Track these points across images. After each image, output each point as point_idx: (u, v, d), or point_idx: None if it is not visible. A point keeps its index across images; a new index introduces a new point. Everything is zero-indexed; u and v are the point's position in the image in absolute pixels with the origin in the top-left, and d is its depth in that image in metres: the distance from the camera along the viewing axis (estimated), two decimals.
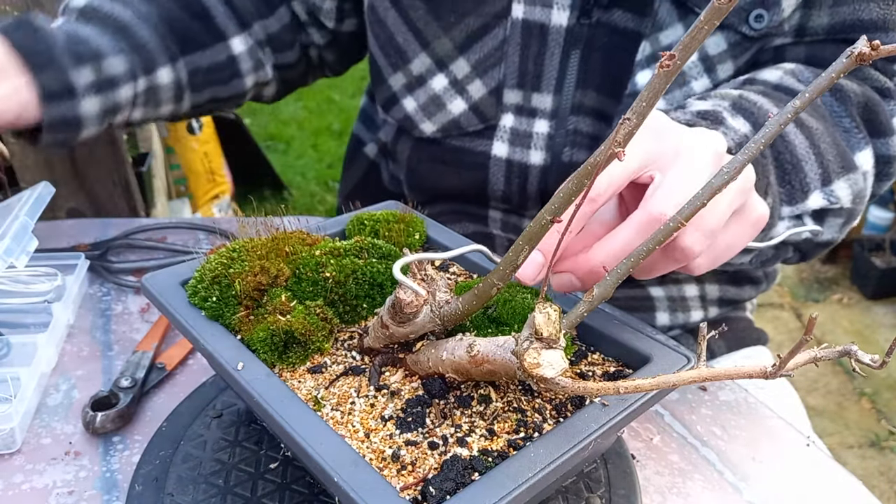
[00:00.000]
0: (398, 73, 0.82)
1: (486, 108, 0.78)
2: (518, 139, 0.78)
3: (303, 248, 0.55)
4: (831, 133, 0.66)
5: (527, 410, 0.44)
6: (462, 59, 0.77)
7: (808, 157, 0.64)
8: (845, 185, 0.66)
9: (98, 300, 0.75)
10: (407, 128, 0.84)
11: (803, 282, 2.77)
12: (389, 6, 0.79)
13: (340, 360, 0.49)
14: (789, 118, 0.33)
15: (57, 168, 1.20)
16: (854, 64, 0.29)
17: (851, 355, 0.31)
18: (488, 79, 0.77)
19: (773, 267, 0.94)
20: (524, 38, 0.74)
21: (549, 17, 0.73)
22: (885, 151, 0.71)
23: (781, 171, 0.63)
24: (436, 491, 0.37)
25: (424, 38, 0.78)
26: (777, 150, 0.63)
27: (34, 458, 0.55)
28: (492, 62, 0.76)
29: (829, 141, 0.65)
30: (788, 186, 0.63)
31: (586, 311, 0.42)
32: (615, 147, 0.32)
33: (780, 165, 0.63)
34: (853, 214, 0.69)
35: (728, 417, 0.62)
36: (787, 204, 0.63)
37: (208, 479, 0.50)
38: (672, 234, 0.38)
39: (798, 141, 0.64)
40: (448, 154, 0.83)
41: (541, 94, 0.76)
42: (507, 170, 0.80)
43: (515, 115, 0.78)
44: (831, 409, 2.17)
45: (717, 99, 0.64)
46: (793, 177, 0.63)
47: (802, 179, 0.63)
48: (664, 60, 0.30)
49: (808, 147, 0.64)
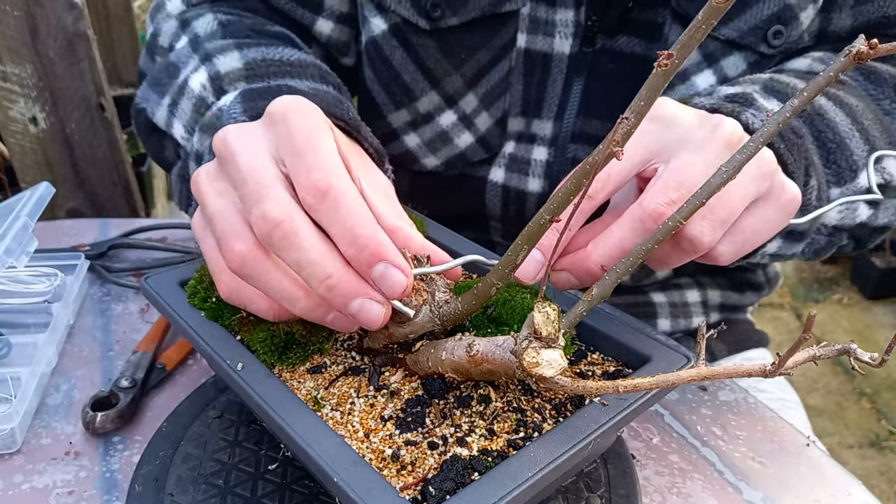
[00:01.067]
0: (401, 111, 0.78)
1: (492, 139, 0.77)
2: (516, 165, 0.77)
3: None
4: (873, 110, 0.63)
5: (526, 410, 0.44)
6: (471, 94, 0.75)
7: (852, 135, 0.60)
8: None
9: (98, 300, 0.75)
10: (405, 162, 0.81)
11: (803, 282, 2.77)
12: (397, 45, 0.75)
13: (340, 360, 0.49)
14: (788, 117, 0.33)
15: (57, 168, 1.20)
16: (852, 63, 0.29)
17: (851, 354, 0.31)
18: (494, 109, 0.75)
19: (776, 271, 0.93)
20: (527, 66, 0.73)
21: (551, 46, 0.72)
22: None
23: (825, 151, 0.59)
24: (435, 491, 0.37)
25: (434, 76, 0.75)
26: (818, 130, 0.59)
27: (34, 458, 0.55)
28: (498, 93, 0.74)
29: (871, 117, 0.62)
30: (835, 166, 0.59)
31: (585, 310, 0.42)
32: (613, 146, 0.32)
33: (823, 145, 0.59)
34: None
35: (728, 417, 0.62)
36: (836, 185, 0.60)
37: (208, 480, 0.50)
38: (670, 233, 0.38)
39: (839, 118, 0.60)
40: (447, 184, 0.81)
41: (541, 120, 0.75)
42: (504, 195, 0.79)
43: (516, 142, 0.77)
44: (831, 409, 2.17)
45: (746, 84, 0.61)
46: (838, 156, 0.59)
47: (849, 157, 0.59)
48: (662, 59, 0.30)
49: (851, 124, 0.60)
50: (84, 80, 1.16)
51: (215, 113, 0.61)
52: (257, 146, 0.44)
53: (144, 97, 0.71)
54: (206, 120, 0.62)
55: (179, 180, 0.67)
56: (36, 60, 1.11)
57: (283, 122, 0.44)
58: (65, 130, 1.18)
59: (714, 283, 0.87)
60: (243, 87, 0.62)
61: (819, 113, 0.60)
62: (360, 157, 0.55)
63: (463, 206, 0.82)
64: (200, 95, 0.65)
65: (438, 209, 0.84)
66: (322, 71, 0.66)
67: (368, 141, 0.57)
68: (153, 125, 0.70)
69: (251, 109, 0.57)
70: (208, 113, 0.62)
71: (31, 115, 1.15)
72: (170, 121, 0.67)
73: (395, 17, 0.73)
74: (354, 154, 0.53)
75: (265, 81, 0.63)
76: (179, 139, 0.66)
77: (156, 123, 0.69)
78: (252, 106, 0.57)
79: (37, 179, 1.17)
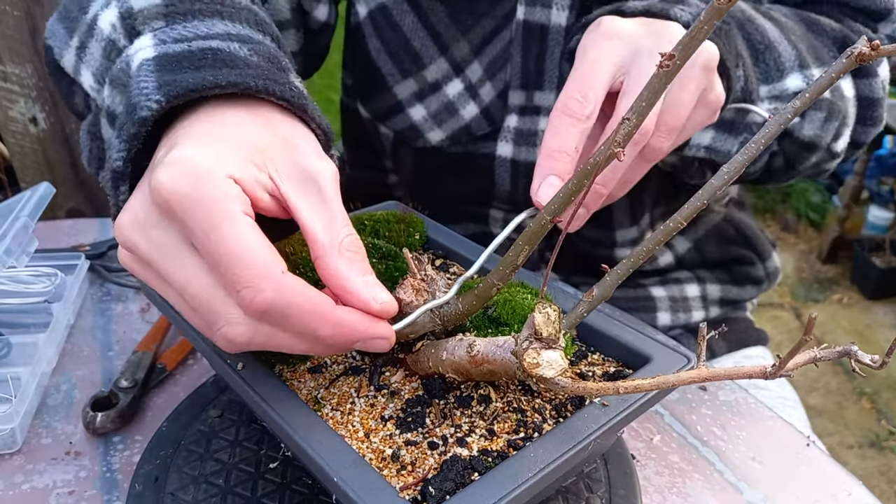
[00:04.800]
0: (408, 80, 0.78)
1: (495, 111, 0.77)
2: (523, 138, 0.77)
3: (304, 248, 0.55)
4: (804, 33, 0.66)
5: (527, 410, 0.44)
6: (476, 63, 0.75)
7: (780, 41, 0.63)
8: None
9: (98, 300, 0.75)
10: (408, 138, 0.81)
11: (803, 282, 2.77)
12: (408, 9, 0.75)
13: (340, 359, 0.49)
14: (789, 118, 0.33)
15: (57, 168, 1.20)
16: (854, 64, 0.29)
17: (851, 356, 0.31)
18: (497, 81, 0.76)
19: (775, 266, 0.94)
20: (526, 38, 0.74)
21: (548, 18, 0.72)
22: (868, 93, 0.69)
23: (753, 52, 0.62)
24: (435, 491, 0.37)
25: (444, 41, 0.75)
26: (747, 32, 0.62)
27: (34, 458, 0.55)
28: (500, 64, 0.75)
29: (800, 34, 0.64)
30: (763, 65, 0.62)
31: (586, 311, 0.42)
32: (614, 147, 0.32)
33: (752, 46, 0.62)
34: (835, 113, 0.66)
35: (728, 417, 0.62)
36: (764, 83, 0.62)
37: (208, 479, 0.50)
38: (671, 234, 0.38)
39: (768, 27, 0.63)
40: (451, 161, 0.81)
41: (543, 92, 0.76)
42: (513, 170, 0.79)
43: (519, 115, 0.77)
44: (831, 409, 2.17)
45: None
46: (766, 56, 0.62)
47: (777, 59, 0.62)
48: (664, 61, 0.30)
49: (780, 34, 0.63)
50: None
51: (122, 68, 0.49)
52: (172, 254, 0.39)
53: (52, 32, 0.60)
54: (114, 72, 0.50)
55: (89, 137, 0.55)
56: (36, 60, 1.11)
57: (182, 216, 0.38)
58: (65, 130, 1.18)
59: (714, 278, 0.88)
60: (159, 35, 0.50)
61: (749, 19, 0.63)
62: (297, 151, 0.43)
63: (468, 187, 0.82)
64: (110, 38, 0.53)
65: (442, 192, 0.84)
66: (259, 18, 0.55)
67: (316, 121, 0.48)
68: (60, 67, 0.59)
69: (168, 87, 0.44)
70: (118, 61, 0.51)
71: (31, 115, 1.15)
72: (77, 67, 0.56)
73: None
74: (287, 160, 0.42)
75: (187, 22, 0.51)
76: (88, 89, 0.56)
77: (63, 67, 0.58)
78: (170, 81, 0.44)
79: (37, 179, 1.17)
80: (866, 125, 0.71)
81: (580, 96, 0.48)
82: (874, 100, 0.69)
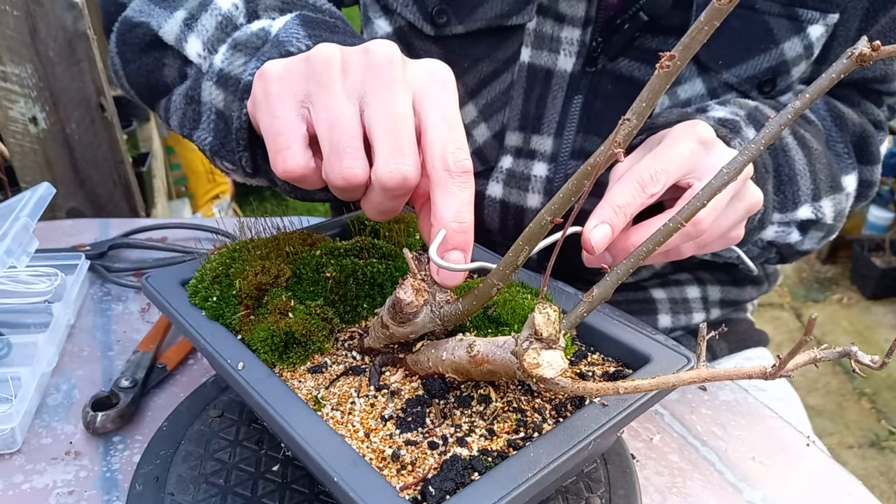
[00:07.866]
0: None
1: (488, 152, 0.77)
2: (515, 181, 0.78)
3: (303, 247, 0.55)
4: (827, 156, 0.74)
5: (526, 410, 0.44)
6: (471, 104, 0.75)
7: (804, 174, 0.70)
8: (831, 203, 0.72)
9: (98, 300, 0.75)
10: None
11: (803, 282, 2.77)
12: (402, 49, 0.74)
13: (340, 360, 0.49)
14: (789, 119, 0.33)
15: (57, 168, 1.20)
16: (854, 64, 0.29)
17: (851, 356, 0.31)
18: (493, 122, 0.76)
19: (774, 268, 0.94)
20: (529, 81, 0.74)
21: (555, 63, 0.73)
22: (869, 177, 0.79)
23: (778, 182, 0.69)
24: (435, 491, 0.37)
25: None
26: (778, 163, 0.69)
27: (34, 458, 0.55)
28: (498, 106, 0.75)
29: (824, 162, 0.72)
30: (782, 196, 0.69)
31: (586, 311, 0.42)
32: (615, 147, 0.32)
33: (778, 176, 0.69)
34: (832, 230, 0.76)
35: (728, 417, 0.62)
36: (779, 211, 0.69)
37: (209, 479, 0.50)
38: (671, 234, 0.38)
39: (798, 157, 0.70)
40: None
41: (541, 136, 0.76)
42: (503, 210, 0.79)
43: (514, 157, 0.77)
44: (831, 409, 2.17)
45: (735, 107, 0.68)
46: (787, 188, 0.69)
47: (795, 192, 0.70)
48: (664, 61, 0.30)
49: (806, 164, 0.70)
50: (84, 80, 1.16)
51: (257, 33, 0.60)
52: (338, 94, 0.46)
53: (142, 11, 0.67)
54: (241, 39, 0.60)
55: (185, 101, 0.64)
56: (36, 60, 1.11)
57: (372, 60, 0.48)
58: (65, 130, 1.18)
59: (714, 279, 0.88)
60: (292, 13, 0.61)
61: (784, 149, 0.70)
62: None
63: None
64: (229, 14, 0.63)
65: None
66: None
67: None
68: (152, 41, 0.66)
69: (317, 39, 0.56)
70: (241, 33, 0.61)
71: (31, 115, 1.15)
72: (183, 35, 0.64)
73: (400, 20, 0.73)
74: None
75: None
76: (194, 55, 0.63)
77: (161, 37, 0.65)
78: (317, 35, 0.57)
79: (37, 179, 1.17)
80: (859, 200, 0.81)
81: (654, 175, 0.52)
82: (872, 182, 0.80)
